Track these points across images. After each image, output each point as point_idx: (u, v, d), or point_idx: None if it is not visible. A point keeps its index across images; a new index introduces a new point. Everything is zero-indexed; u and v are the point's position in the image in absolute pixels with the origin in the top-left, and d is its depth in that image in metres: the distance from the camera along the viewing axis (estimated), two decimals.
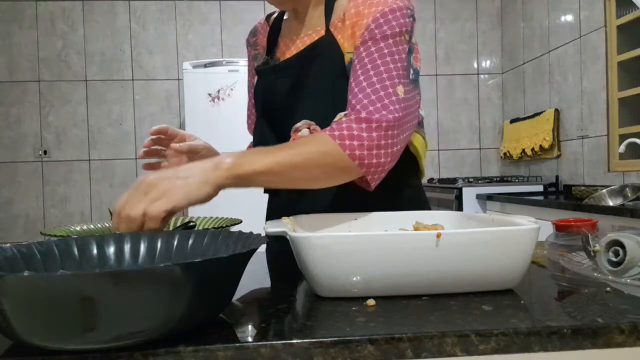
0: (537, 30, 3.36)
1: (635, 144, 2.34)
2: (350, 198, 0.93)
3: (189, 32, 3.67)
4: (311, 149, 0.81)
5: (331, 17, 0.98)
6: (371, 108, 0.84)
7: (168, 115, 3.66)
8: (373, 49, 0.89)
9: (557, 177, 3.16)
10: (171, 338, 0.49)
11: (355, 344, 0.49)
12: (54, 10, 3.59)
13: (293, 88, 0.99)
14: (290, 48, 1.03)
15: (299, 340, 0.49)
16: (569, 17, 3.01)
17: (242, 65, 3.07)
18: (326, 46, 0.96)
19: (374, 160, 0.83)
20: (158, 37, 3.66)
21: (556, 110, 3.12)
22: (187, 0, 3.66)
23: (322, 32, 0.98)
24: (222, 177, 0.72)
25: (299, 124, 0.91)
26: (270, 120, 1.04)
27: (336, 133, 0.82)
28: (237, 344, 0.48)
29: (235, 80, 3.05)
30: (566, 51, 3.04)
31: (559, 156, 3.15)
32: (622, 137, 2.57)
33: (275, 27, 1.10)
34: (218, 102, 3.05)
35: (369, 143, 0.82)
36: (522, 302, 0.61)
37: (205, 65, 3.07)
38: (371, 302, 0.60)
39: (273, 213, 1.10)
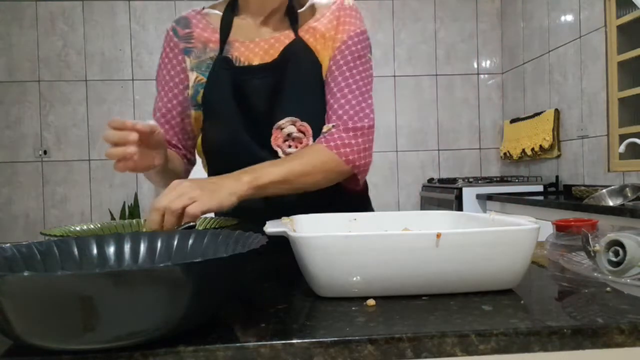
0: (537, 30, 3.36)
1: (635, 144, 2.34)
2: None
3: None
4: (314, 158, 0.96)
5: (297, 24, 1.07)
6: (355, 118, 1.01)
7: None
8: (352, 64, 1.04)
9: (557, 177, 3.16)
10: (171, 338, 0.49)
11: (355, 344, 0.49)
12: (54, 10, 3.59)
13: (275, 88, 1.03)
14: (255, 49, 1.05)
15: (299, 340, 0.49)
16: (569, 17, 3.01)
17: None
18: (302, 50, 1.04)
19: (362, 162, 1.01)
20: (158, 37, 3.66)
21: (556, 110, 3.12)
22: (187, 0, 3.66)
23: (292, 36, 1.05)
24: (244, 189, 0.86)
25: (282, 122, 1.01)
26: (240, 120, 1.03)
27: (332, 144, 0.98)
28: (237, 344, 0.48)
29: None
30: (566, 51, 3.04)
31: (559, 156, 3.15)
32: (622, 137, 2.57)
33: (225, 25, 1.08)
34: None
35: (357, 148, 0.99)
36: (522, 302, 0.61)
37: None
38: (371, 302, 0.60)
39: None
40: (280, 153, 1.02)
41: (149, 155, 0.87)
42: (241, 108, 1.04)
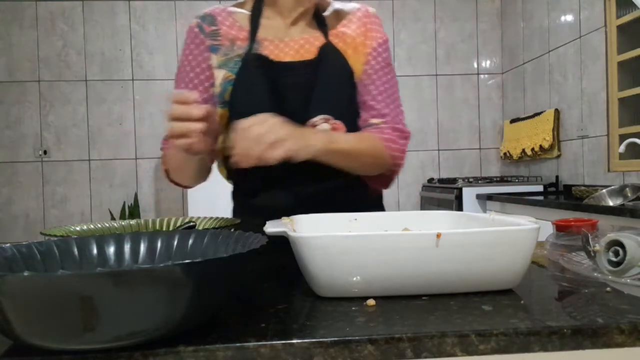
0: (537, 30, 3.36)
1: (635, 144, 2.34)
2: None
3: None
4: (372, 143, 1.01)
5: (325, 27, 1.09)
6: (398, 120, 1.07)
7: None
8: (385, 70, 1.09)
9: (557, 177, 3.16)
10: (171, 338, 0.49)
11: (355, 344, 0.49)
12: (54, 10, 3.59)
13: (310, 86, 1.04)
14: (285, 49, 1.06)
15: (299, 340, 0.49)
16: (569, 17, 3.01)
17: None
18: (334, 52, 1.07)
19: (401, 162, 1.06)
20: (158, 37, 3.66)
21: (556, 110, 3.12)
22: (187, 0, 3.66)
23: (322, 39, 1.07)
24: (320, 147, 0.88)
25: (315, 119, 1.02)
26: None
27: (384, 137, 1.03)
28: (237, 344, 0.48)
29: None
30: (566, 51, 3.04)
31: (559, 156, 3.15)
32: (622, 137, 2.57)
33: (254, 23, 1.08)
34: None
35: (400, 148, 1.05)
36: (522, 302, 0.61)
37: None
38: (371, 302, 0.60)
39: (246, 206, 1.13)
40: None
41: (203, 139, 0.85)
42: (271, 105, 1.01)
